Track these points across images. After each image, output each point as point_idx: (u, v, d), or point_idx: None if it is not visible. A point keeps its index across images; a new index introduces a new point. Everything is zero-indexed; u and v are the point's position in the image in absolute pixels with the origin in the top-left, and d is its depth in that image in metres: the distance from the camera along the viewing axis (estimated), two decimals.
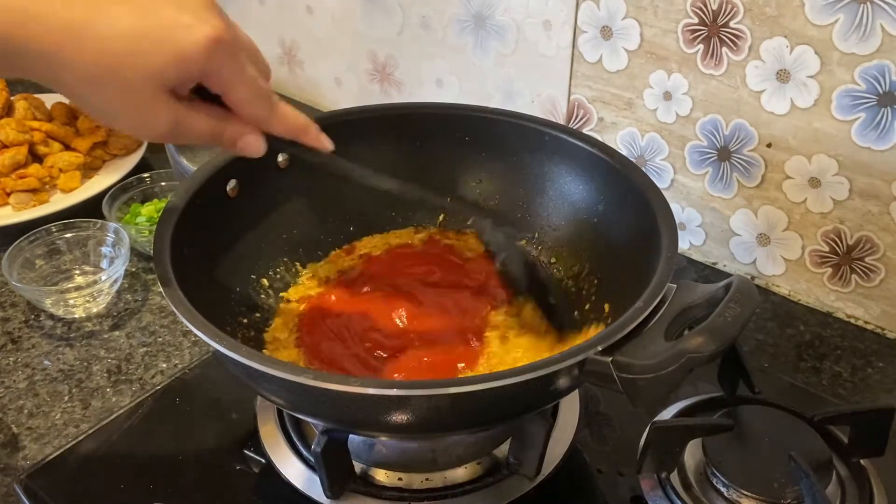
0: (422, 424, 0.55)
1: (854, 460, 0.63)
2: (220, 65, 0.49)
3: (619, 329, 0.51)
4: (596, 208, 0.72)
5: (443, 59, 1.02)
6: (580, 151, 0.72)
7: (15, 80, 1.12)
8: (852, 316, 0.82)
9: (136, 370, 0.77)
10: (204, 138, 0.52)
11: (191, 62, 0.47)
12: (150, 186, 0.96)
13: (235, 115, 0.53)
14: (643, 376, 0.49)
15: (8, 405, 0.73)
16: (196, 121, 0.51)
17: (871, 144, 0.73)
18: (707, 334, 0.49)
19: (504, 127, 0.75)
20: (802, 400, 0.69)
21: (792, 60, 0.74)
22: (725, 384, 0.67)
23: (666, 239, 0.59)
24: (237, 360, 0.50)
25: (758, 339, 0.81)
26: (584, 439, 0.67)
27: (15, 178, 0.98)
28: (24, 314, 0.84)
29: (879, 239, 0.77)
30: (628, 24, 0.83)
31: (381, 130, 0.76)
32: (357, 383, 0.48)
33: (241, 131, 0.53)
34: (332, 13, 1.12)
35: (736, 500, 0.59)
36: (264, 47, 1.19)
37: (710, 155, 0.84)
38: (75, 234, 0.88)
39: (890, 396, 0.75)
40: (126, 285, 0.88)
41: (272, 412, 0.69)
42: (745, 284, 0.53)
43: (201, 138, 0.52)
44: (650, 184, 0.65)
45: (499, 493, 0.63)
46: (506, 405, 0.54)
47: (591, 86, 0.90)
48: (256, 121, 0.54)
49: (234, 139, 0.53)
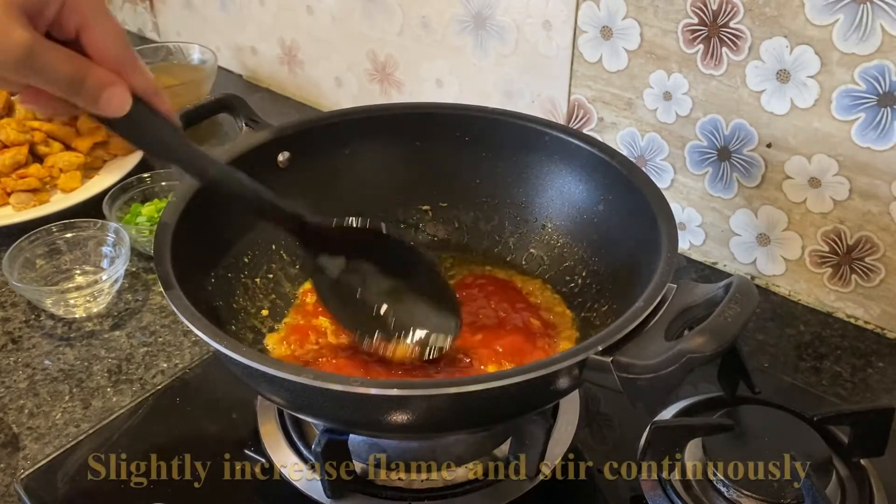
0: (422, 424, 0.55)
1: (854, 460, 0.63)
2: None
3: (619, 329, 0.51)
4: (596, 208, 0.72)
5: (443, 59, 1.02)
6: (580, 151, 0.72)
7: None
8: (852, 316, 0.82)
9: (136, 370, 0.77)
10: (62, 83, 0.46)
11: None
12: (150, 186, 0.96)
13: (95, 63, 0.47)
14: (643, 376, 0.49)
15: (8, 405, 0.73)
16: (54, 57, 0.45)
17: (871, 144, 0.73)
18: (707, 334, 0.49)
19: (504, 127, 0.75)
20: (802, 400, 0.69)
21: (792, 60, 0.74)
22: (725, 384, 0.67)
23: (666, 239, 0.59)
24: (237, 360, 0.50)
25: (758, 339, 0.81)
26: (584, 439, 0.67)
27: (15, 177, 0.98)
28: (25, 314, 0.84)
29: (879, 239, 0.77)
30: (628, 24, 0.83)
31: (381, 130, 0.77)
32: (357, 383, 0.49)
33: (105, 80, 0.47)
34: (332, 13, 1.12)
35: (736, 500, 0.59)
36: (264, 47, 1.18)
37: (710, 155, 0.84)
38: (76, 234, 0.88)
39: (890, 396, 0.75)
40: (126, 285, 0.88)
41: (272, 412, 0.69)
42: (744, 284, 0.53)
43: (59, 82, 0.46)
44: (650, 184, 0.66)
45: (499, 493, 0.63)
46: (506, 405, 0.54)
47: (591, 86, 0.90)
48: (118, 66, 0.48)
49: (97, 90, 0.47)
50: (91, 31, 0.47)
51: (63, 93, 0.47)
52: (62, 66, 0.46)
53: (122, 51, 0.48)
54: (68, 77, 0.46)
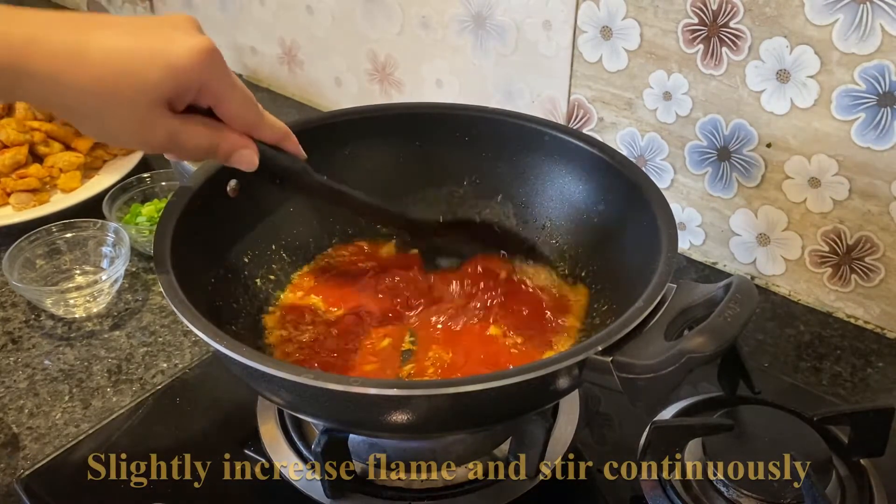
0: (422, 424, 0.55)
1: (854, 460, 0.63)
2: (212, 75, 0.51)
3: (619, 329, 0.51)
4: (596, 208, 0.72)
5: (443, 59, 1.02)
6: (580, 151, 0.72)
7: None
8: (852, 316, 0.82)
9: (136, 370, 0.77)
10: (201, 151, 0.55)
11: (185, 73, 0.50)
12: (150, 186, 0.96)
13: (228, 127, 0.55)
14: (643, 376, 0.49)
15: (8, 405, 0.73)
16: (193, 133, 0.53)
17: (871, 144, 0.73)
18: (707, 334, 0.49)
19: (504, 127, 0.75)
20: (802, 400, 0.69)
21: (792, 60, 0.74)
22: (725, 384, 0.67)
23: (666, 239, 0.59)
24: (237, 360, 0.50)
25: (758, 339, 0.81)
26: (584, 439, 0.67)
27: (15, 178, 0.98)
28: (25, 314, 0.84)
29: (879, 239, 0.77)
30: (628, 24, 0.83)
31: (381, 130, 0.77)
32: (357, 383, 0.49)
33: (237, 144, 0.56)
34: (332, 13, 1.12)
35: (736, 500, 0.59)
36: (264, 47, 1.19)
37: (710, 155, 0.84)
38: (75, 234, 0.88)
39: (890, 396, 0.75)
40: (126, 285, 0.88)
41: (272, 412, 0.69)
42: (744, 284, 0.53)
43: (198, 150, 0.54)
44: (650, 184, 0.66)
45: (499, 493, 0.63)
46: (506, 405, 0.54)
47: (591, 86, 0.90)
48: (247, 128, 0.56)
49: (229, 152, 0.56)
50: (223, 103, 0.54)
51: (201, 158, 0.59)
52: (200, 139, 0.54)
53: (250, 115, 0.56)
54: (206, 146, 0.54)
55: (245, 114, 0.55)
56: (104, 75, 0.48)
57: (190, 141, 0.53)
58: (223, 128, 0.55)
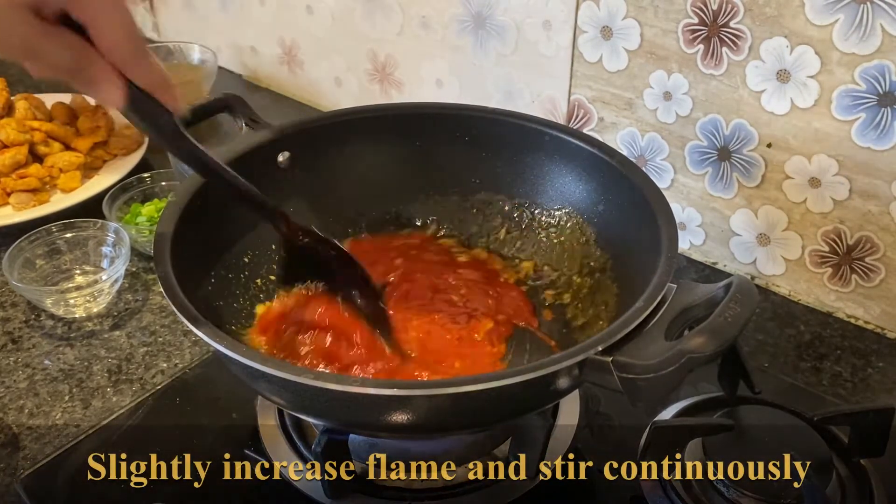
0: (422, 424, 0.55)
1: (854, 460, 0.63)
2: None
3: (619, 329, 0.51)
4: (596, 208, 0.72)
5: (443, 59, 1.02)
6: (580, 151, 0.72)
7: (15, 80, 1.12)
8: (852, 316, 0.82)
9: (136, 370, 0.77)
10: (62, 70, 0.48)
11: None
12: (150, 186, 0.96)
13: (99, 55, 0.48)
14: (643, 376, 0.49)
15: (8, 405, 0.73)
16: (54, 47, 0.46)
17: (871, 144, 0.73)
18: (707, 334, 0.49)
19: (504, 127, 0.75)
20: (802, 400, 0.69)
21: (792, 60, 0.74)
22: (725, 384, 0.67)
23: (666, 239, 0.59)
24: (237, 360, 0.50)
25: (758, 339, 0.81)
26: (584, 439, 0.67)
27: (15, 177, 0.98)
28: (25, 314, 0.84)
29: (879, 239, 0.77)
30: (628, 24, 0.83)
31: (381, 130, 0.77)
32: (357, 383, 0.49)
33: (103, 76, 0.48)
34: (332, 13, 1.12)
35: (736, 500, 0.59)
36: (264, 47, 1.19)
37: (710, 155, 0.84)
38: (75, 234, 0.88)
39: (890, 396, 0.75)
40: (126, 285, 0.88)
41: (272, 412, 0.69)
42: (745, 284, 0.53)
43: (58, 69, 0.47)
44: (650, 184, 0.66)
45: (499, 493, 0.63)
46: (506, 405, 0.54)
47: (592, 86, 0.90)
48: (121, 63, 0.49)
49: (93, 82, 0.49)
50: (97, 28, 0.47)
51: (62, 78, 0.48)
52: (61, 56, 0.47)
53: (127, 47, 0.49)
54: (66, 66, 0.47)
55: (121, 45, 0.48)
56: None
57: (50, 55, 0.46)
58: (90, 51, 0.47)
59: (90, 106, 1.10)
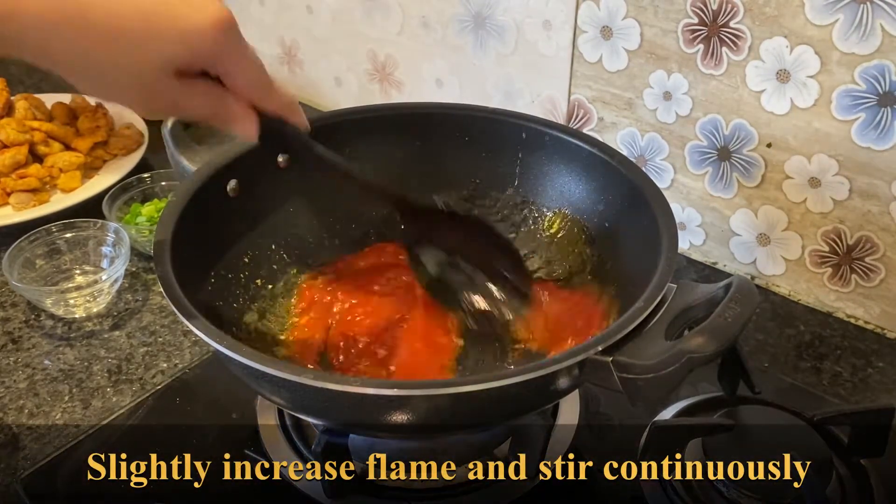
0: (422, 424, 0.55)
1: (854, 460, 0.63)
2: (227, 48, 0.49)
3: (619, 329, 0.51)
4: (596, 208, 0.72)
5: (443, 59, 1.02)
6: (580, 151, 0.72)
7: (15, 81, 1.12)
8: (852, 316, 0.82)
9: (136, 370, 0.77)
10: (200, 117, 0.53)
11: (200, 46, 0.47)
12: (150, 186, 0.96)
13: (232, 95, 0.52)
14: (643, 376, 0.49)
15: (8, 405, 0.73)
16: (195, 101, 0.51)
17: (871, 144, 0.73)
18: (707, 334, 0.49)
19: (504, 127, 0.75)
20: (802, 400, 0.69)
21: (792, 60, 0.74)
22: (725, 384, 0.67)
23: (666, 239, 0.59)
24: (237, 359, 0.50)
25: (758, 339, 0.81)
26: (584, 439, 0.67)
27: (15, 177, 0.98)
28: (25, 314, 0.84)
29: (879, 239, 0.77)
30: (628, 24, 0.83)
31: (381, 130, 0.76)
32: (357, 383, 0.49)
33: (237, 114, 0.53)
34: (332, 13, 1.12)
35: (736, 499, 0.59)
36: (264, 47, 1.18)
37: (710, 155, 0.84)
38: (75, 234, 0.88)
39: (890, 396, 0.75)
40: (126, 285, 0.88)
41: (272, 412, 0.69)
42: (745, 284, 0.53)
43: (197, 116, 0.53)
44: (650, 184, 0.66)
45: (499, 493, 0.63)
46: (506, 405, 0.54)
47: (591, 86, 0.90)
48: (253, 100, 0.54)
49: (229, 122, 0.53)
50: (232, 78, 0.51)
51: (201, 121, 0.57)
52: (201, 109, 0.52)
53: (258, 88, 0.53)
54: (205, 115, 0.53)
55: (252, 86, 0.53)
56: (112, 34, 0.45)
57: (191, 108, 0.51)
58: (226, 96, 0.52)
59: (90, 106, 1.10)
